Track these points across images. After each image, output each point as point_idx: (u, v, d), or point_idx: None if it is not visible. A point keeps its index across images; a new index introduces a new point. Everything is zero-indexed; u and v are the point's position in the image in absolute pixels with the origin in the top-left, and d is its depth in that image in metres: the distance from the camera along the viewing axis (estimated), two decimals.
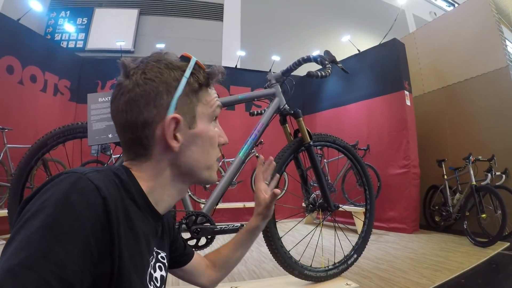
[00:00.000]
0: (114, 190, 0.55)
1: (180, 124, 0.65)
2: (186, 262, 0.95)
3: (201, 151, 0.69)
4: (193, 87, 0.67)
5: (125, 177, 0.61)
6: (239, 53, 6.85)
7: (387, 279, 2.51)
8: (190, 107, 0.67)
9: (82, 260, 0.44)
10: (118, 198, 0.55)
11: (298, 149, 1.85)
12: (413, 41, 5.51)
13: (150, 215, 0.65)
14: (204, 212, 1.58)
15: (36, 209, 0.46)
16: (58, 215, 0.45)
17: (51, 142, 1.55)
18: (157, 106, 0.63)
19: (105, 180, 0.54)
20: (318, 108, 6.17)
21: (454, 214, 4.24)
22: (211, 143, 0.71)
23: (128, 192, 0.59)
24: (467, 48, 4.69)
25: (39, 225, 0.43)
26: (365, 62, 5.30)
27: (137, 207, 0.61)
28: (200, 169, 0.70)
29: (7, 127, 3.94)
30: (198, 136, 0.68)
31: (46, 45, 5.00)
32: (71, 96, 5.17)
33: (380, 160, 4.77)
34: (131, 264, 0.54)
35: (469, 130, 4.60)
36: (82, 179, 0.50)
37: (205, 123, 0.70)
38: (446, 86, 4.99)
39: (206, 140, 0.70)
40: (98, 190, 0.50)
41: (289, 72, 1.92)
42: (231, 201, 5.28)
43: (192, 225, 1.55)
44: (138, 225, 0.60)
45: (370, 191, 2.14)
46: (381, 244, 3.78)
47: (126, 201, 0.57)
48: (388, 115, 4.82)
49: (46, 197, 0.47)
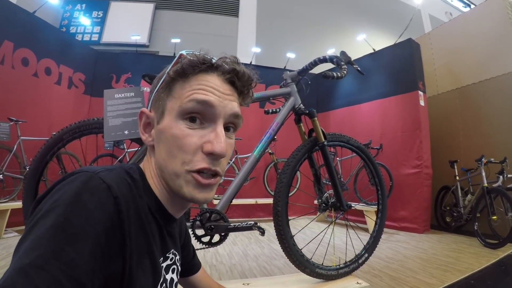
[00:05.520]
0: (126, 189, 0.55)
1: (150, 118, 0.65)
2: (192, 272, 0.94)
3: (166, 151, 0.61)
4: (167, 80, 0.63)
5: (137, 176, 0.61)
6: (254, 49, 6.83)
7: (398, 278, 2.52)
8: (161, 101, 0.63)
9: (93, 260, 0.44)
10: (130, 197, 0.55)
11: (312, 148, 1.86)
12: (428, 42, 5.43)
13: (162, 216, 0.64)
14: (218, 210, 1.61)
15: (47, 208, 0.45)
16: (69, 215, 0.44)
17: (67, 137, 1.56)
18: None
19: (117, 179, 0.54)
20: (332, 106, 6.16)
21: (465, 215, 4.21)
22: (176, 144, 0.59)
23: (140, 191, 0.59)
24: (483, 50, 4.61)
25: (50, 224, 0.43)
26: (380, 62, 5.28)
27: (148, 207, 0.60)
28: (169, 173, 0.61)
29: (21, 120, 3.99)
30: (161, 132, 0.62)
31: (61, 38, 5.04)
32: (85, 89, 5.22)
33: (392, 159, 4.76)
34: (142, 264, 0.55)
35: (482, 132, 4.54)
36: (94, 178, 0.50)
37: (171, 119, 0.60)
38: (460, 87, 4.92)
39: (169, 139, 0.60)
40: (109, 189, 0.50)
41: (305, 72, 1.92)
42: (243, 197, 5.29)
43: (206, 222, 1.57)
44: (150, 225, 0.59)
45: (383, 191, 2.14)
46: (392, 243, 3.78)
47: (137, 200, 0.57)
48: (401, 115, 4.80)
49: (57, 196, 0.47)
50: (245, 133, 5.41)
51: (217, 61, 0.63)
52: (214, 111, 0.60)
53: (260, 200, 5.26)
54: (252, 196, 5.43)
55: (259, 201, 5.24)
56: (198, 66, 0.60)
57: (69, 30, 7.25)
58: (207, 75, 0.62)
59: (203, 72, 0.62)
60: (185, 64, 0.60)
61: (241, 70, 0.64)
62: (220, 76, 0.63)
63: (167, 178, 0.61)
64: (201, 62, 0.61)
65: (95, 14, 7.45)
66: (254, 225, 1.61)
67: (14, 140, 3.97)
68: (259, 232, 1.59)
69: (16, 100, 4.11)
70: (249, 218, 5.46)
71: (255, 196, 5.44)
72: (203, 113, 0.60)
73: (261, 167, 5.54)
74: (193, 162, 0.59)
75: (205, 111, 0.60)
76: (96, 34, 7.31)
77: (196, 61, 0.60)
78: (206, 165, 0.59)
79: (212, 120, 0.61)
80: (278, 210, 1.70)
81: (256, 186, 5.53)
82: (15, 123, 3.96)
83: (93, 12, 7.44)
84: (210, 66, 0.62)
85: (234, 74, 0.63)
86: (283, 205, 1.72)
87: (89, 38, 7.25)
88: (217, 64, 0.62)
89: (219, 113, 0.61)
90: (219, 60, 0.63)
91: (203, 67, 0.61)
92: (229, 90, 0.64)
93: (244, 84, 0.66)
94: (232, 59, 0.65)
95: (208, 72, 0.62)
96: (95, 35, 7.30)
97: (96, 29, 7.34)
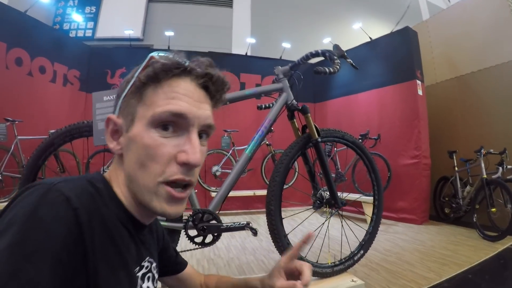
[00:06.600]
0: (88, 200, 0.52)
1: (118, 125, 0.61)
2: (179, 271, 0.93)
3: (136, 160, 0.57)
4: (137, 85, 0.59)
5: (100, 185, 0.58)
6: (249, 40, 6.76)
7: (394, 272, 2.52)
8: (131, 107, 0.59)
9: (54, 277, 0.42)
10: (93, 207, 0.52)
11: (305, 145, 1.84)
12: (426, 29, 5.35)
13: (132, 225, 0.62)
14: (210, 210, 1.60)
15: (4, 226, 0.43)
16: (26, 231, 0.42)
17: (58, 141, 1.56)
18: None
19: (77, 189, 0.51)
20: (329, 96, 6.12)
21: (464, 207, 4.19)
22: (148, 154, 0.56)
23: (105, 200, 0.56)
24: (482, 38, 4.53)
25: (7, 243, 0.41)
26: (377, 51, 5.21)
27: (116, 217, 0.58)
28: (138, 185, 0.58)
29: (17, 119, 4.01)
30: (131, 141, 0.58)
31: (54, 35, 5.02)
32: (80, 86, 5.20)
33: (390, 150, 4.73)
34: (111, 277, 0.53)
35: (481, 122, 4.49)
36: (51, 190, 0.47)
37: (142, 127, 0.57)
38: (459, 76, 4.85)
39: (139, 148, 0.56)
40: (68, 201, 0.47)
41: (297, 66, 1.89)
42: (241, 189, 5.28)
43: (199, 223, 1.56)
44: (120, 235, 0.57)
45: (379, 187, 2.13)
46: (390, 235, 3.78)
47: (103, 210, 0.54)
48: (399, 104, 4.75)
49: (14, 212, 0.45)
50: (241, 125, 5.42)
51: (190, 64, 0.60)
52: (188, 121, 0.58)
53: (258, 191, 5.25)
54: (250, 187, 5.43)
55: (257, 193, 5.23)
56: (171, 70, 0.58)
57: (63, 27, 7.19)
58: (180, 80, 0.59)
59: (176, 77, 0.59)
60: (158, 68, 0.57)
61: (215, 74, 0.62)
62: (194, 80, 0.60)
63: (136, 190, 0.59)
64: (175, 67, 0.58)
65: (88, 9, 7.37)
66: (247, 225, 1.60)
67: (12, 140, 4.00)
68: (251, 232, 1.59)
69: (12, 100, 4.11)
70: (247, 210, 5.48)
71: (253, 187, 5.44)
72: (177, 122, 0.58)
73: (259, 158, 5.52)
74: (166, 173, 0.56)
75: (179, 121, 0.57)
76: (90, 29, 7.24)
77: (169, 65, 0.57)
78: (180, 176, 0.57)
79: (185, 128, 0.58)
80: (271, 209, 1.69)
81: (254, 177, 5.52)
82: (11, 123, 3.98)
83: (86, 8, 7.36)
84: (183, 70, 0.59)
85: (208, 79, 0.61)
86: (276, 204, 1.71)
87: (83, 34, 7.19)
88: (191, 68, 0.60)
89: (193, 123, 0.58)
90: (193, 63, 0.60)
91: (176, 72, 0.58)
92: (203, 96, 0.62)
93: (218, 88, 0.64)
94: (206, 63, 0.62)
95: (181, 77, 0.59)
96: (88, 30, 7.23)
97: (89, 24, 7.27)
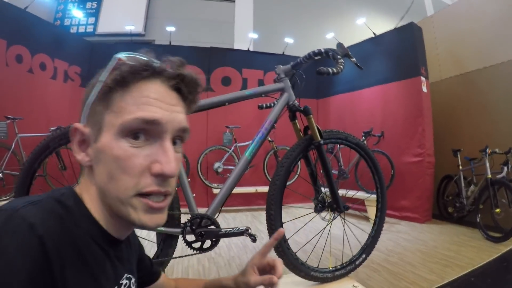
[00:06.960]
0: (55, 223, 0.47)
1: (85, 135, 0.56)
2: (153, 281, 0.89)
3: (107, 173, 0.53)
4: (103, 90, 0.54)
5: (70, 202, 0.53)
6: (252, 35, 6.71)
7: (396, 273, 2.50)
8: (98, 115, 0.55)
9: None
10: (62, 231, 0.47)
11: (307, 147, 1.79)
12: (431, 25, 5.26)
13: (106, 242, 0.58)
14: (208, 215, 1.57)
15: None
16: None
17: (53, 144, 1.52)
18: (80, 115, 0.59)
19: (42, 213, 0.47)
20: (332, 92, 6.08)
21: (467, 206, 4.13)
22: (119, 166, 0.52)
23: (76, 219, 0.52)
24: (488, 34, 4.44)
25: None
26: (381, 46, 5.15)
27: (89, 236, 0.53)
28: (113, 199, 0.54)
29: (18, 117, 4.00)
30: (100, 152, 0.54)
31: (54, 32, 5.00)
32: (81, 82, 5.17)
33: (394, 147, 4.68)
34: None
35: (486, 120, 4.41)
36: (13, 217, 0.43)
37: (111, 137, 0.53)
38: (464, 73, 4.77)
39: (109, 160, 0.52)
40: (32, 228, 0.43)
41: (299, 66, 1.84)
42: (244, 185, 5.26)
43: (197, 228, 1.53)
44: (94, 256, 0.53)
45: (382, 190, 2.07)
46: (393, 234, 3.75)
47: (74, 231, 0.50)
48: (403, 101, 4.70)
49: None
50: (244, 121, 5.41)
51: (160, 65, 0.56)
52: (161, 128, 0.54)
53: (260, 188, 5.22)
54: (252, 184, 5.40)
55: (259, 189, 5.21)
56: (139, 73, 0.53)
57: (64, 23, 7.17)
58: (150, 83, 0.55)
59: (145, 80, 0.54)
60: (125, 71, 0.52)
61: (188, 75, 0.58)
62: (165, 82, 0.56)
63: (111, 203, 0.55)
64: (143, 69, 0.53)
65: (89, 5, 7.33)
66: (246, 231, 1.57)
67: (12, 138, 4.00)
68: (250, 239, 1.55)
69: (12, 97, 4.11)
70: (249, 207, 5.47)
71: (255, 184, 5.42)
72: (148, 130, 0.53)
73: (261, 155, 5.48)
74: (140, 185, 0.52)
75: (151, 128, 0.53)
76: (91, 25, 7.21)
77: (137, 67, 0.53)
78: (155, 188, 0.53)
79: (158, 135, 0.54)
80: (271, 214, 1.66)
81: (256, 174, 5.48)
82: (12, 121, 3.98)
83: (87, 3, 7.33)
84: (153, 72, 0.55)
85: (180, 80, 0.57)
86: (277, 209, 1.67)
87: (84, 30, 7.16)
88: (161, 69, 0.56)
89: (166, 129, 0.54)
90: (163, 64, 0.56)
91: (145, 74, 0.54)
92: (175, 99, 0.58)
93: (191, 90, 0.60)
94: (177, 63, 0.58)
95: (151, 79, 0.55)
96: (90, 26, 7.20)
97: (90, 20, 7.24)
